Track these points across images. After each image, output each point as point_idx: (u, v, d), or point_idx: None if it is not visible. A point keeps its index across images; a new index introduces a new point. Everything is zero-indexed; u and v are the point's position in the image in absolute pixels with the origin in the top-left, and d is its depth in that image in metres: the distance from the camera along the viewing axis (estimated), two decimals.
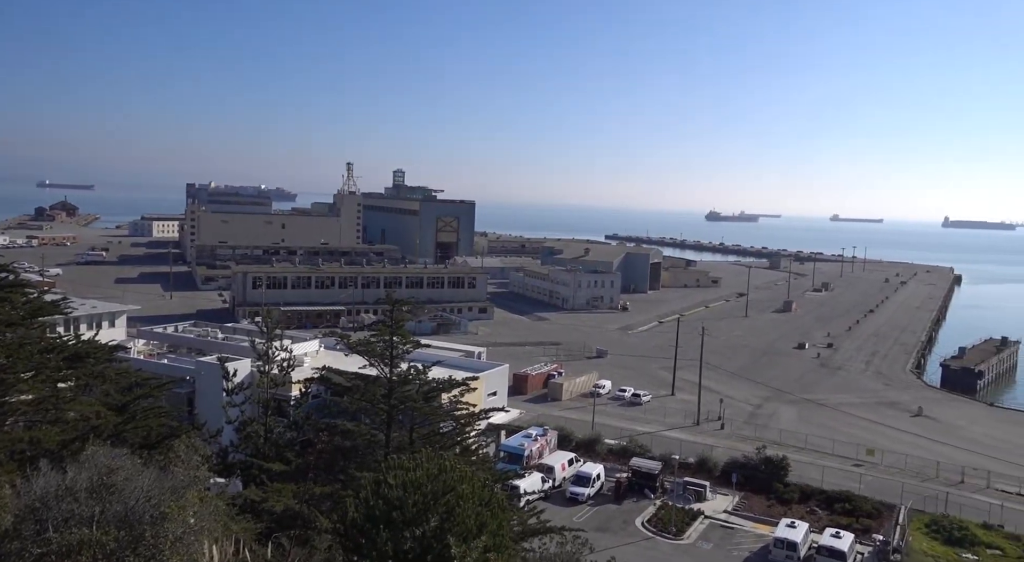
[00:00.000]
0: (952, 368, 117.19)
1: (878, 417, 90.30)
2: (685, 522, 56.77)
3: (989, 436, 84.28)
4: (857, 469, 69.47)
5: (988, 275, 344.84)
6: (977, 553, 52.78)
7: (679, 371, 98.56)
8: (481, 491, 26.99)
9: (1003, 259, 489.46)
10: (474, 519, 25.37)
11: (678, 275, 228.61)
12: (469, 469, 28.37)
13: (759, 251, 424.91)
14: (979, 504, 61.15)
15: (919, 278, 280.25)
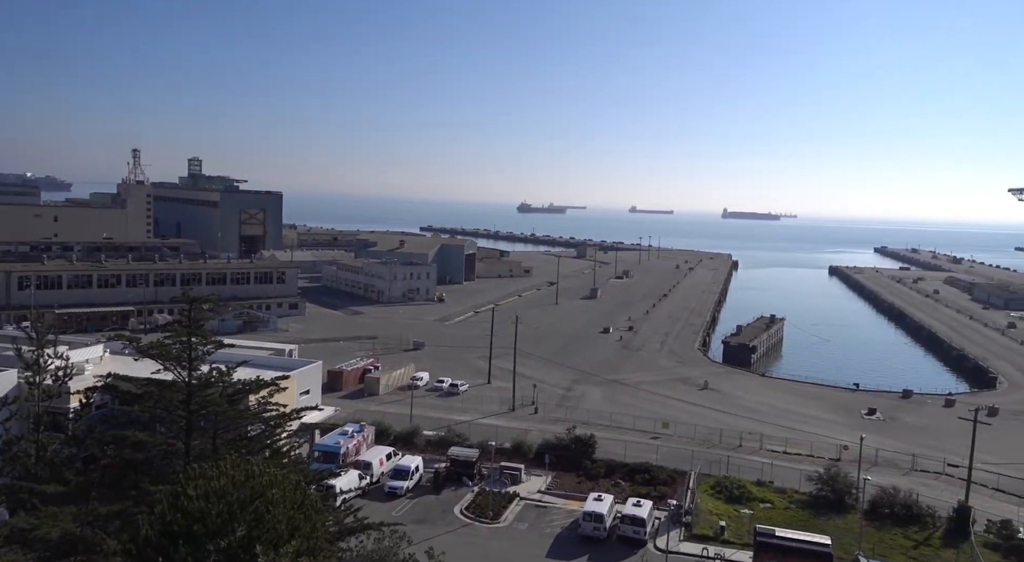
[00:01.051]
0: (731, 344, 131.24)
1: (672, 392, 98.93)
2: (502, 505, 58.57)
3: (762, 403, 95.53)
4: (655, 441, 75.71)
5: (759, 260, 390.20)
6: (752, 507, 59.75)
7: (495, 359, 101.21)
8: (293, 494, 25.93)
9: (770, 246, 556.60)
10: (286, 524, 24.33)
11: (492, 266, 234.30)
12: (280, 472, 27.15)
13: (567, 241, 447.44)
14: (754, 464, 69.18)
15: (704, 264, 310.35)
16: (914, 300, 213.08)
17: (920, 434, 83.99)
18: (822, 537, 50.96)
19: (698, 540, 54.24)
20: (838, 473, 62.08)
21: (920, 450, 75.94)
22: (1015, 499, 64.46)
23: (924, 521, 57.25)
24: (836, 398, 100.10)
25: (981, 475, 66.17)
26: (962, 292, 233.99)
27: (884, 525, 57.02)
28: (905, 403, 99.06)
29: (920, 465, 72.15)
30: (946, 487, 65.90)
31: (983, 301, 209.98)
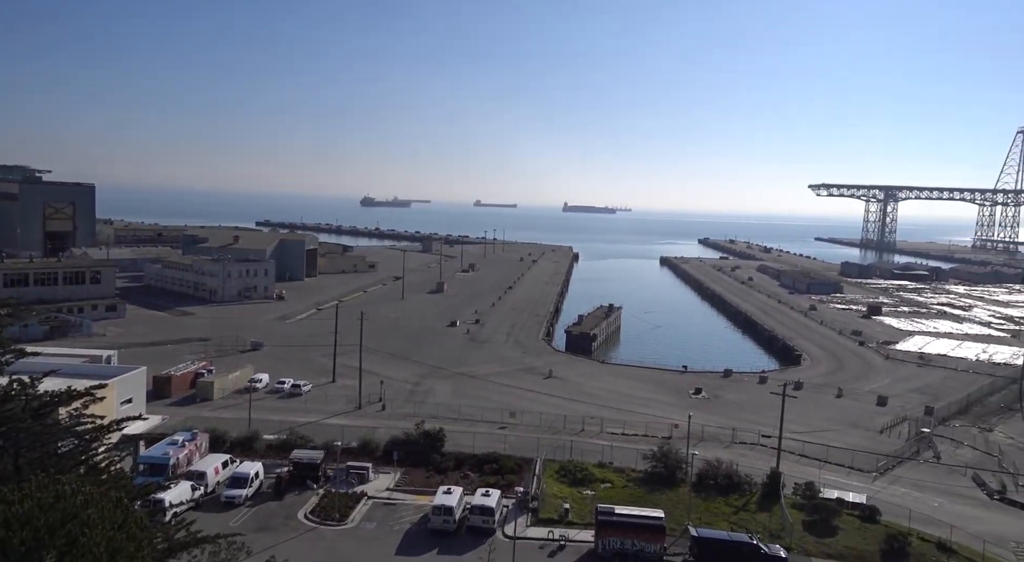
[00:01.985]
0: (573, 334, 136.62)
1: (518, 382, 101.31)
2: (349, 506, 57.20)
3: (602, 388, 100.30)
4: (502, 431, 77.20)
5: (598, 252, 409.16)
6: (594, 488, 62.68)
7: (340, 357, 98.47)
8: (113, 513, 23.67)
9: (608, 238, 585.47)
10: (105, 546, 22.15)
11: (335, 261, 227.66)
12: (97, 491, 24.69)
13: (412, 235, 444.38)
14: (595, 447, 72.56)
15: (547, 257, 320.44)
16: (732, 287, 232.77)
17: (739, 409, 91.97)
18: (656, 511, 54.46)
19: (544, 524, 56.03)
20: (670, 450, 66.55)
21: (739, 424, 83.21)
22: (816, 463, 72.40)
23: (743, 489, 62.83)
24: (667, 380, 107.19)
25: (789, 443, 73.58)
26: (772, 279, 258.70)
27: (709, 495, 61.93)
28: (726, 382, 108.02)
29: (739, 438, 79.06)
30: (761, 456, 72.65)
31: (789, 287, 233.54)
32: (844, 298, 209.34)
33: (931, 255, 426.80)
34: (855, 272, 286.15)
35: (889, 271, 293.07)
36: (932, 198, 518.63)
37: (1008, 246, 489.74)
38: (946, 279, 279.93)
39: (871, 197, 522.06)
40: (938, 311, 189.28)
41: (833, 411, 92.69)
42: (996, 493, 67.41)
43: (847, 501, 60.26)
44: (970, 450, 79.19)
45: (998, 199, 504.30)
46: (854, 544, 54.03)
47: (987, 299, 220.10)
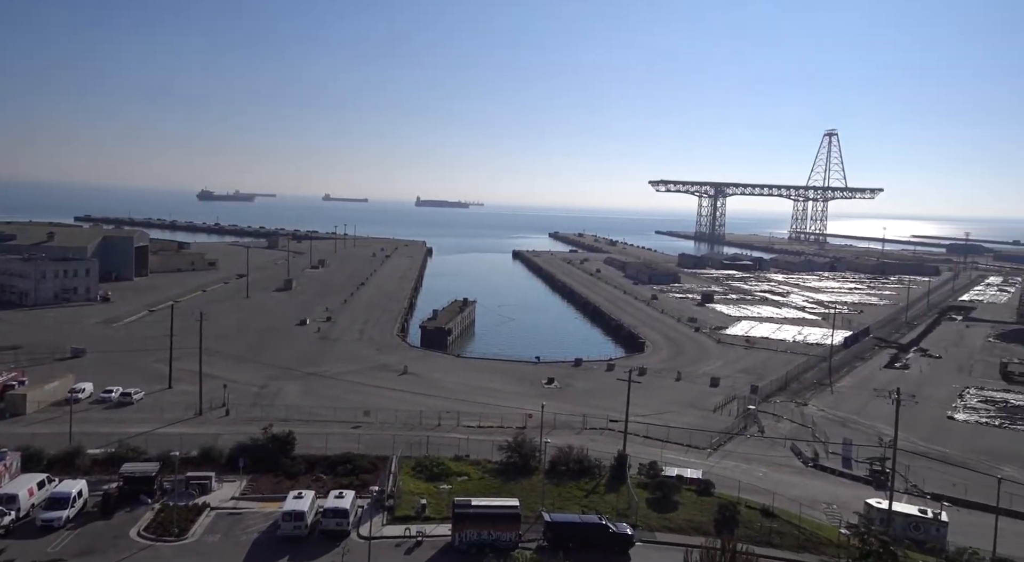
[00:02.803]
0: (428, 329, 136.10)
1: (372, 380, 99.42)
2: (189, 519, 53.51)
3: (457, 382, 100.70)
4: (356, 431, 75.43)
5: (452, 246, 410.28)
6: (451, 482, 62.82)
7: (177, 361, 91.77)
8: None
9: (461, 232, 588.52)
10: None
11: (170, 259, 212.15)
12: None
13: (257, 231, 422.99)
14: (452, 441, 72.77)
15: (400, 252, 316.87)
16: (581, 279, 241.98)
17: (589, 397, 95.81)
18: (512, 500, 55.49)
19: (401, 521, 55.41)
20: (524, 440, 68.05)
21: (589, 410, 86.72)
22: (659, 443, 77.00)
23: (593, 472, 65.51)
24: (521, 371, 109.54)
25: (635, 426, 77.68)
26: (618, 270, 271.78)
27: (562, 481, 64.01)
28: (577, 370, 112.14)
29: (589, 424, 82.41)
30: (609, 440, 76.14)
31: (633, 278, 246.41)
32: (682, 288, 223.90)
33: (754, 246, 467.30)
34: (691, 263, 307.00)
35: (720, 262, 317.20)
36: (755, 194, 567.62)
37: (818, 238, 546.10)
38: (767, 268, 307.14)
39: (703, 193, 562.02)
40: (761, 298, 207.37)
41: (673, 394, 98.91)
42: (810, 461, 75.00)
43: (686, 477, 64.54)
44: (788, 423, 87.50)
45: (809, 195, 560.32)
46: (692, 516, 58.01)
47: (801, 286, 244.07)
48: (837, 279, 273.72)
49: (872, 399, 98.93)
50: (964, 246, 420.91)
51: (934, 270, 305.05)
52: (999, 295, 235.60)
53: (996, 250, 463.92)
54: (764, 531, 55.36)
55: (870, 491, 66.00)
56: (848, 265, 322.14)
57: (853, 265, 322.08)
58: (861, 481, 70.31)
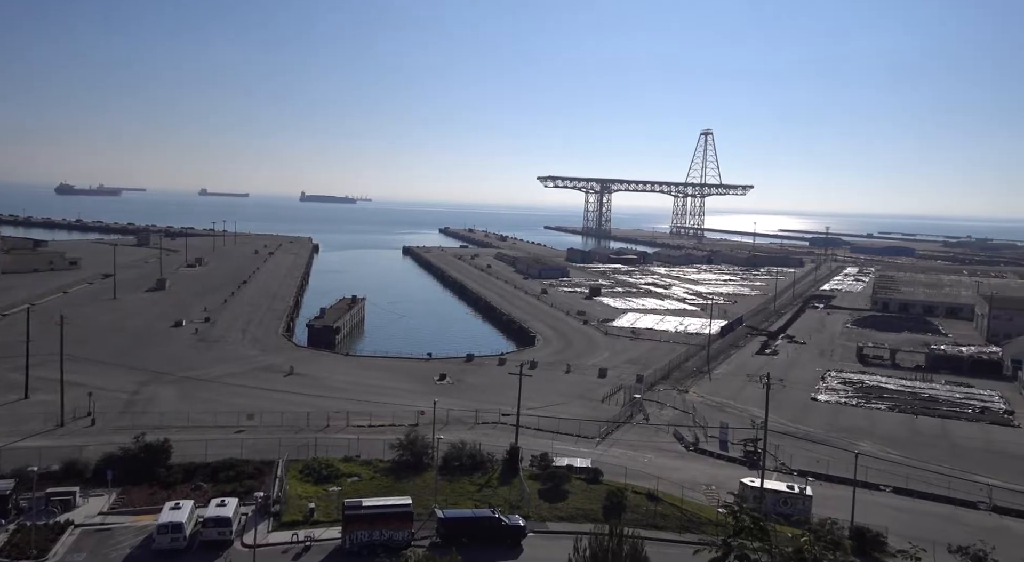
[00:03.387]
0: (315, 327, 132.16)
1: (256, 382, 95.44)
2: (49, 539, 49.42)
3: (347, 382, 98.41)
4: (239, 435, 72.16)
5: (339, 243, 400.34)
6: (340, 483, 61.36)
7: (35, 369, 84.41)
8: None
9: (349, 228, 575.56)
10: None
11: (24, 258, 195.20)
12: None
13: (125, 227, 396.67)
14: (341, 442, 71.03)
15: (285, 248, 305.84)
16: (472, 274, 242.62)
17: (481, 391, 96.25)
18: (404, 499, 54.90)
19: (288, 527, 53.57)
20: (417, 437, 67.45)
21: (482, 405, 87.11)
22: (550, 434, 78.46)
23: (486, 466, 65.87)
24: (413, 368, 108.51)
25: (527, 419, 78.74)
26: (508, 265, 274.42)
27: (455, 477, 63.96)
28: (469, 366, 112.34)
29: (482, 418, 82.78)
30: (502, 434, 76.80)
31: (524, 272, 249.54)
32: (570, 281, 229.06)
33: (639, 241, 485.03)
34: (579, 257, 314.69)
35: (606, 256, 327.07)
36: (639, 190, 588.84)
37: (697, 232, 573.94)
38: (651, 262, 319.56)
39: (590, 189, 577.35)
40: (645, 290, 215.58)
41: (563, 386, 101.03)
42: (691, 445, 78.77)
43: (576, 467, 66.12)
44: (671, 410, 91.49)
45: (688, 192, 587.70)
46: (581, 504, 59.53)
47: (682, 278, 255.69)
48: (714, 271, 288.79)
49: (746, 384, 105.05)
50: (825, 239, 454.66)
51: (799, 262, 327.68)
52: (855, 284, 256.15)
53: (853, 243, 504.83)
54: (649, 514, 57.63)
55: (744, 471, 70.07)
56: (724, 258, 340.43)
57: (728, 258, 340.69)
58: (737, 462, 74.52)
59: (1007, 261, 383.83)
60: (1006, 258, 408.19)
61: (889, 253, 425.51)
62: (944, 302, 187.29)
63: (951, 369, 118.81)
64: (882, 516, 59.31)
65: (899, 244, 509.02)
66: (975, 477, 70.92)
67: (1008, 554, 46.91)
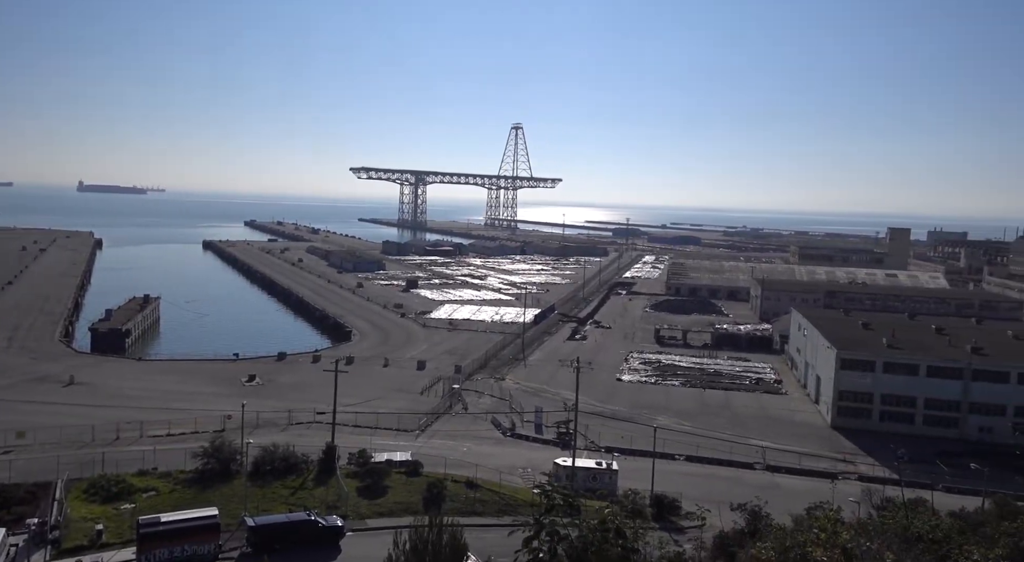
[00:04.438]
0: (100, 331, 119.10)
1: (28, 395, 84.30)
2: None
3: (140, 389, 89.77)
4: (7, 456, 63.31)
5: (127, 237, 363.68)
6: (135, 500, 55.84)
7: None
8: None
9: (139, 222, 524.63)
10: None
11: None
12: None
13: None
14: (135, 455, 64.66)
15: (60, 244, 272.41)
16: (282, 269, 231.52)
17: (295, 391, 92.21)
18: (209, 510, 51.20)
19: (71, 554, 47.89)
20: (223, 443, 63.07)
21: (296, 405, 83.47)
22: (369, 430, 77.10)
23: (300, 468, 63.23)
24: (218, 370, 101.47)
25: (344, 417, 76.69)
26: (321, 259, 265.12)
27: (267, 482, 60.73)
28: (281, 365, 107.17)
29: (296, 419, 79.36)
30: (317, 433, 74.13)
31: (338, 266, 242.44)
32: (387, 274, 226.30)
33: (455, 233, 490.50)
34: (395, 250, 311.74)
35: (423, 248, 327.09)
36: (453, 182, 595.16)
37: (510, 224, 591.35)
38: (467, 253, 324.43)
39: (404, 180, 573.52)
40: (462, 281, 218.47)
41: (382, 380, 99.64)
42: (508, 430, 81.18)
43: (395, 461, 65.52)
44: (489, 398, 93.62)
45: (501, 184, 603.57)
46: (402, 498, 59.12)
47: (497, 269, 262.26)
48: (527, 262, 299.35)
49: (559, 369, 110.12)
50: (626, 230, 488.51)
51: (604, 251, 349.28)
52: (652, 271, 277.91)
53: (650, 233, 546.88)
54: (469, 502, 58.56)
55: (558, 452, 73.47)
56: (536, 249, 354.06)
57: (540, 248, 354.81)
58: (551, 444, 77.95)
59: (775, 248, 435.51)
60: (774, 246, 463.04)
61: (679, 242, 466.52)
62: (725, 286, 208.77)
63: (732, 345, 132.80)
64: (677, 483, 64.99)
65: (688, 234, 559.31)
66: (752, 441, 79.95)
67: (778, 506, 53.27)
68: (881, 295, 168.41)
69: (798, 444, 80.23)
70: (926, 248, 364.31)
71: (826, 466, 73.66)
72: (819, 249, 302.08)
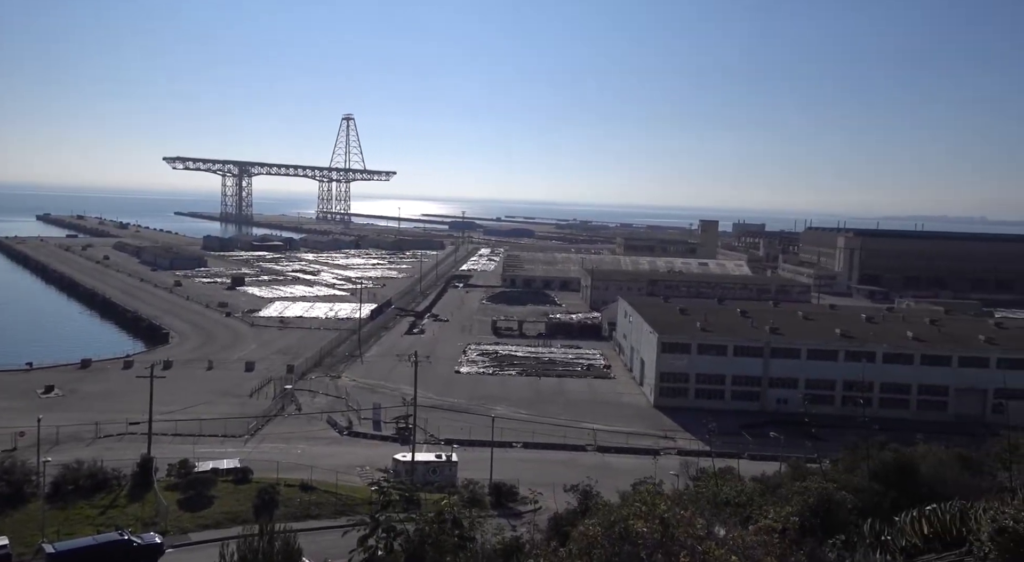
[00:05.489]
0: None
1: None
2: None
3: None
4: None
5: None
6: None
7: None
8: None
9: None
10: None
11: None
12: None
13: None
14: None
15: None
16: (85, 267, 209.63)
17: (103, 401, 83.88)
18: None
19: None
20: (14, 464, 55.93)
21: (104, 416, 75.84)
22: (192, 438, 71.77)
23: (111, 485, 57.54)
24: (7, 382, 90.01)
25: (162, 425, 70.78)
26: (131, 256, 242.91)
27: (71, 502, 54.64)
28: (85, 373, 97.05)
29: (104, 431, 72.18)
30: (131, 445, 67.88)
31: (152, 263, 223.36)
32: (209, 272, 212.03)
33: (284, 227, 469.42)
34: (217, 245, 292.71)
35: (249, 243, 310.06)
36: (282, 174, 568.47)
37: (343, 217, 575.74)
38: (298, 248, 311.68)
39: (227, 171, 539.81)
40: (293, 277, 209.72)
41: (205, 384, 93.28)
42: (345, 429, 79.11)
43: (222, 469, 61.49)
44: (324, 397, 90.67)
45: (333, 176, 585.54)
46: (229, 508, 55.61)
47: (331, 264, 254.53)
48: (362, 256, 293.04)
49: (397, 364, 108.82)
50: (462, 223, 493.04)
51: (441, 245, 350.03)
52: (488, 264, 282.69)
53: (485, 226, 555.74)
54: (304, 505, 56.30)
55: (398, 447, 72.64)
56: (371, 242, 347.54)
57: (375, 242, 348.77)
58: (390, 440, 76.95)
59: (603, 240, 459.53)
60: (602, 237, 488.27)
61: (514, 235, 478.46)
62: (558, 277, 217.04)
63: (565, 334, 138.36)
64: (515, 469, 66.61)
65: (522, 226, 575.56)
66: (584, 424, 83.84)
67: (608, 484, 56.22)
68: (695, 282, 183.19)
69: (625, 424, 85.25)
70: (732, 238, 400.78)
71: (650, 443, 78.88)
72: (642, 240, 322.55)
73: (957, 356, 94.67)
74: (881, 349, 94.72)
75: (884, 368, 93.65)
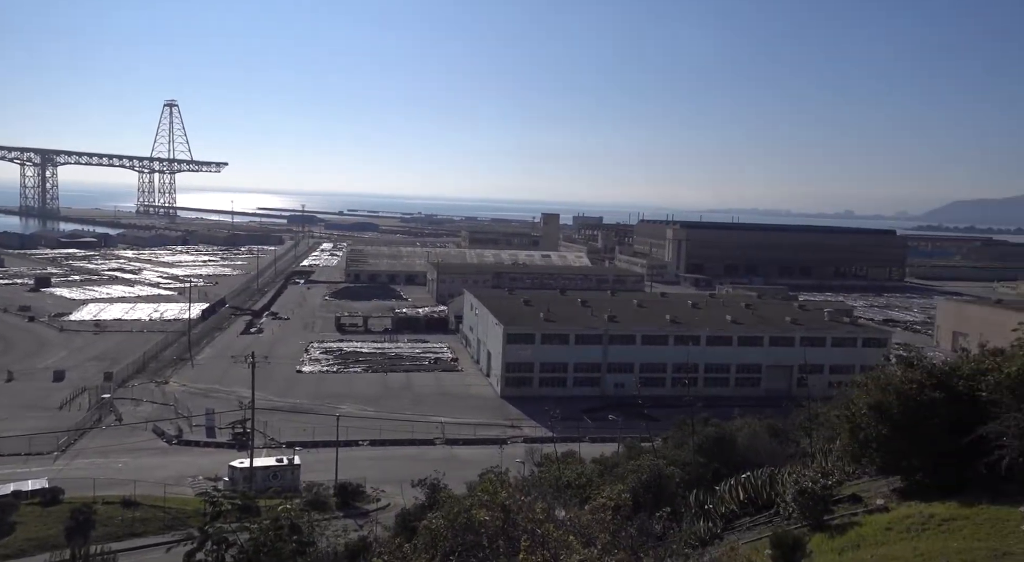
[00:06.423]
0: None
1: None
2: None
3: None
4: None
5: None
6: None
7: None
8: None
9: None
10: None
11: None
12: None
13: None
14: None
15: None
16: None
17: None
18: None
19: None
20: None
21: None
22: None
23: None
24: None
25: None
26: None
27: None
28: None
29: None
30: None
31: None
32: (7, 272, 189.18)
33: (98, 221, 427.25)
34: (17, 242, 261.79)
35: (56, 240, 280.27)
36: (94, 163, 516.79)
37: (168, 211, 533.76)
38: (115, 245, 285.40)
39: (27, 160, 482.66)
40: (110, 277, 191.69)
41: (5, 397, 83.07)
42: (174, 438, 73.44)
43: (26, 491, 54.96)
44: (149, 405, 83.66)
45: (155, 167, 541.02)
46: (36, 533, 49.77)
47: (155, 261, 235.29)
48: (191, 252, 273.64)
49: (232, 366, 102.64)
50: (302, 217, 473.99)
51: (279, 240, 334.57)
52: (331, 259, 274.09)
53: (327, 220, 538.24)
54: (126, 523, 51.68)
55: (235, 453, 68.55)
56: (201, 238, 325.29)
57: (206, 238, 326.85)
58: (226, 446, 72.42)
59: (448, 233, 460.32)
60: (447, 231, 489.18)
61: (357, 229, 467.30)
62: (404, 271, 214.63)
63: (412, 329, 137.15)
64: (362, 468, 65.14)
65: (366, 220, 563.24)
66: (432, 418, 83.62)
67: (456, 476, 56.28)
68: (538, 274, 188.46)
69: (473, 416, 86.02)
70: (572, 231, 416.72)
71: (497, 433, 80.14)
72: (487, 233, 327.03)
73: (768, 336, 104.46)
74: (705, 333, 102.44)
75: (707, 350, 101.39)
